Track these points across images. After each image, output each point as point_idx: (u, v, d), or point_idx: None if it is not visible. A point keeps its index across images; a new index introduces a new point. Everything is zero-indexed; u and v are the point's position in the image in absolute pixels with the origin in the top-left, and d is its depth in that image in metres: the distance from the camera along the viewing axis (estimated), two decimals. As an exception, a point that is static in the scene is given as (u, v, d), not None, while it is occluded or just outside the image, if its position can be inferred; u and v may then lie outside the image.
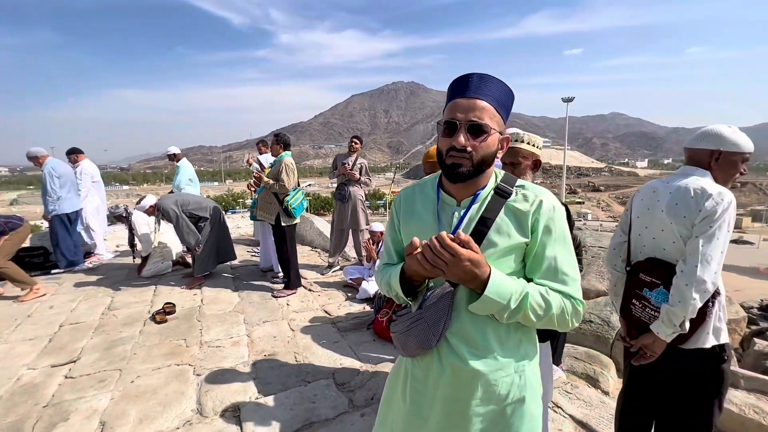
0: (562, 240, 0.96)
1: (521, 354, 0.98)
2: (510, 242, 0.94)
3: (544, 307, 0.90)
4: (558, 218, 0.96)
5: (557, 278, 0.94)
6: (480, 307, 0.90)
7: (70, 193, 4.92)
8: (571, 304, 0.93)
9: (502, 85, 0.96)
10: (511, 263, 0.96)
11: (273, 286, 4.38)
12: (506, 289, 0.88)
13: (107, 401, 2.33)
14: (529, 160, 1.71)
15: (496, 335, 0.95)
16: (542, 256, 0.94)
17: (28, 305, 3.85)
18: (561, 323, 0.93)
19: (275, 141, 4.18)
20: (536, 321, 0.91)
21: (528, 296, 0.90)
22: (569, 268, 0.95)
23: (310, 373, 2.65)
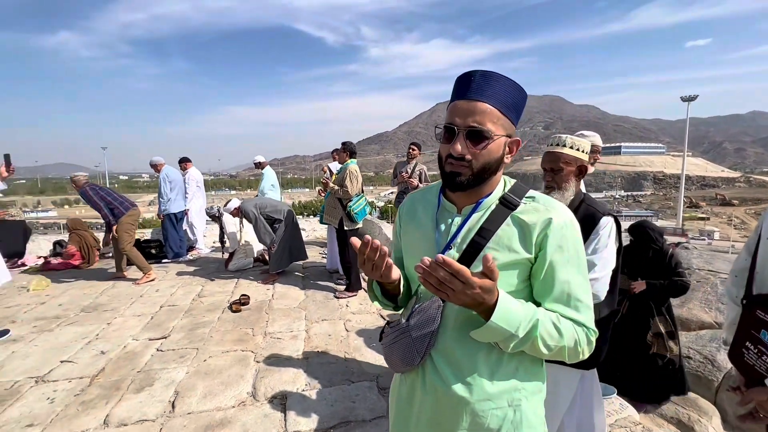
0: (576, 261, 0.85)
1: (517, 386, 0.87)
2: (511, 257, 0.85)
3: (556, 337, 0.81)
4: (572, 236, 0.86)
5: (570, 304, 0.84)
6: (484, 334, 0.81)
7: (178, 196, 5.84)
8: (584, 333, 0.83)
9: (510, 83, 0.85)
10: (513, 280, 0.86)
11: (336, 287, 4.61)
12: (514, 316, 0.78)
13: (183, 374, 2.70)
14: (573, 166, 1.56)
15: (487, 360, 0.86)
16: (553, 279, 0.85)
17: (141, 288, 4.65)
18: (572, 355, 0.83)
19: (342, 149, 4.43)
20: (546, 352, 0.82)
21: (538, 324, 0.80)
22: (583, 294, 0.85)
23: (356, 373, 2.73)
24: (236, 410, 2.32)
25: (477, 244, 0.87)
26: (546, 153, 1.64)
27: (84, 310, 3.92)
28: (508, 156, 0.89)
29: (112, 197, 4.68)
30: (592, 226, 1.49)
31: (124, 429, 2.15)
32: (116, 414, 2.27)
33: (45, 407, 2.34)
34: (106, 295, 4.41)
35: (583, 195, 1.61)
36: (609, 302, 1.58)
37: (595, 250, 1.47)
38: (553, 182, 1.58)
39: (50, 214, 38.47)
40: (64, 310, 3.92)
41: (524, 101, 0.89)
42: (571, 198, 1.57)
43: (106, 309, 3.96)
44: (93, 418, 2.24)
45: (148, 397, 2.43)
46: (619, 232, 1.55)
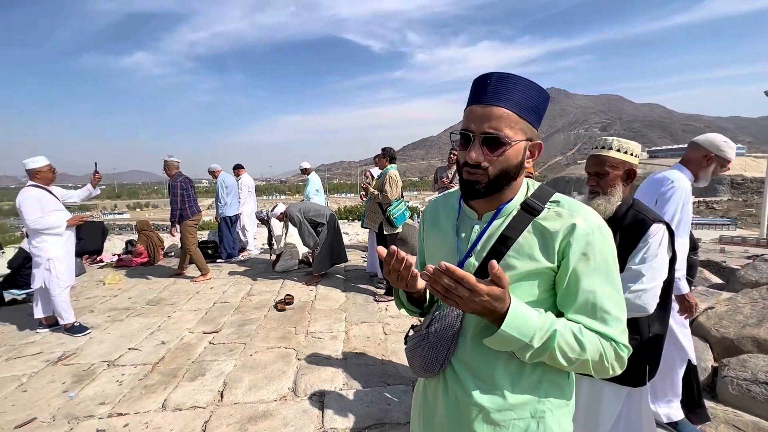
0: (604, 270, 0.80)
1: (541, 397, 0.84)
2: (531, 266, 0.82)
3: (577, 350, 0.77)
4: (599, 243, 0.80)
5: (595, 316, 0.80)
6: (496, 342, 0.79)
7: (233, 200, 6.25)
8: (612, 348, 0.79)
9: (529, 84, 0.81)
10: (534, 290, 0.83)
11: (376, 290, 4.66)
12: (528, 325, 0.76)
13: (231, 367, 2.88)
14: (620, 170, 1.47)
15: (507, 370, 0.84)
16: (576, 288, 0.80)
17: (198, 285, 5.03)
18: (599, 370, 0.79)
19: (382, 155, 4.50)
20: (566, 365, 0.78)
21: (556, 335, 0.76)
22: (612, 305, 0.80)
23: (392, 376, 2.75)
24: (278, 404, 2.44)
25: (497, 252, 0.84)
26: (590, 156, 1.57)
27: (149, 303, 4.33)
28: (529, 160, 0.86)
29: (190, 200, 5.14)
30: (641, 234, 1.41)
31: (179, 413, 2.35)
32: (173, 399, 2.48)
33: (114, 388, 2.62)
34: (167, 290, 4.83)
35: (632, 200, 1.52)
36: (660, 316, 1.47)
37: (644, 260, 1.38)
38: (598, 187, 1.51)
39: (124, 216, 42.87)
40: (132, 303, 4.34)
41: (545, 103, 0.85)
42: (617, 204, 1.48)
43: (167, 303, 4.34)
44: (153, 401, 2.46)
45: (200, 386, 2.63)
46: (672, 241, 1.44)
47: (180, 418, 2.30)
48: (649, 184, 2.06)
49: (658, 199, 1.96)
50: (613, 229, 1.46)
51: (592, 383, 1.48)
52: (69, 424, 2.26)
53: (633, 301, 1.34)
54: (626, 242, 1.42)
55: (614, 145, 1.49)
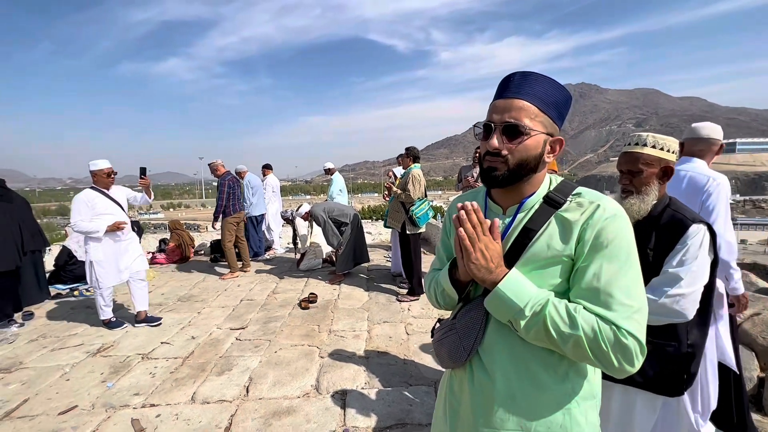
0: (615, 255, 0.78)
1: (568, 389, 0.84)
2: (551, 254, 0.83)
3: (567, 323, 0.76)
4: (614, 229, 0.79)
5: (597, 299, 0.77)
6: (493, 303, 0.83)
7: (259, 201, 6.41)
8: (611, 331, 0.74)
9: (550, 82, 0.86)
10: (554, 279, 0.83)
11: (399, 290, 4.65)
12: (524, 292, 0.80)
13: (257, 363, 2.95)
14: (656, 167, 1.39)
15: (534, 360, 0.84)
16: (584, 272, 0.80)
17: (226, 282, 5.19)
18: (598, 354, 0.74)
19: (405, 154, 4.48)
20: (558, 340, 0.77)
21: (548, 304, 0.78)
22: (618, 290, 0.76)
23: (414, 376, 2.73)
24: (301, 400, 2.47)
25: (521, 244, 0.87)
26: (622, 154, 1.50)
27: (180, 300, 4.50)
28: (549, 155, 0.88)
29: (234, 198, 5.41)
30: (679, 235, 1.32)
31: (207, 406, 2.43)
32: (201, 392, 2.57)
33: (148, 380, 2.74)
34: (197, 287, 5.01)
35: (669, 199, 1.44)
36: (699, 323, 1.38)
37: (682, 262, 1.30)
38: (631, 186, 1.43)
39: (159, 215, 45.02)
40: (165, 299, 4.53)
41: (567, 101, 0.89)
42: (652, 203, 1.41)
43: (197, 300, 4.50)
44: (183, 394, 2.56)
45: (227, 381, 2.70)
46: (713, 242, 1.35)
47: (208, 411, 2.37)
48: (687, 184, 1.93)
49: (703, 199, 1.84)
50: (648, 230, 1.39)
51: (624, 392, 1.41)
52: (107, 413, 2.38)
53: (671, 306, 1.27)
54: (663, 243, 1.34)
55: (649, 142, 1.41)
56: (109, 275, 3.56)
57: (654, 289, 1.30)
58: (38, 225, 4.52)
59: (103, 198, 3.53)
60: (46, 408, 2.44)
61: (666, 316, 1.29)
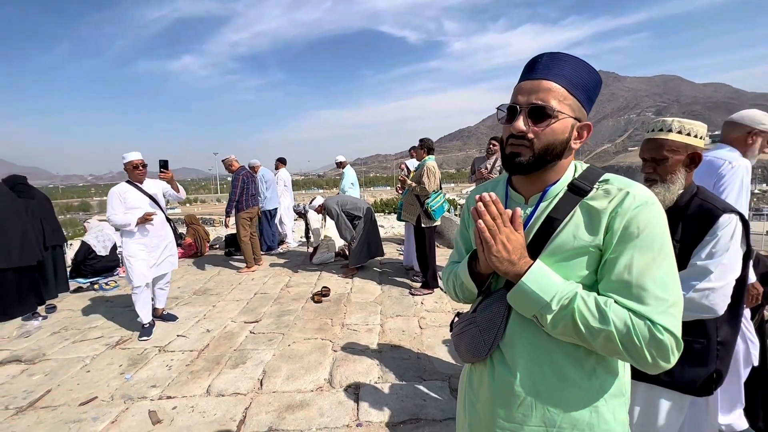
0: (648, 245, 0.73)
1: (595, 385, 0.80)
2: (577, 245, 0.78)
3: (597, 318, 0.71)
4: (646, 217, 0.73)
5: (629, 293, 0.72)
6: (516, 296, 0.79)
7: (273, 195, 6.43)
8: (645, 326, 0.69)
9: (580, 63, 0.80)
10: (581, 271, 0.78)
11: (412, 283, 4.62)
12: (550, 285, 0.75)
13: (270, 356, 2.97)
14: (682, 155, 1.31)
15: (559, 355, 0.80)
16: (614, 263, 0.74)
17: (241, 276, 5.24)
18: (631, 350, 0.70)
19: (420, 146, 4.41)
20: (587, 335, 0.72)
21: (576, 297, 0.73)
22: (652, 283, 0.71)
23: (428, 371, 2.70)
24: (314, 394, 2.47)
25: (543, 234, 0.82)
26: (645, 140, 1.41)
27: (196, 293, 4.57)
28: (576, 141, 0.83)
29: (248, 194, 5.43)
30: (709, 225, 1.24)
31: (222, 399, 2.45)
32: (216, 385, 2.59)
33: (164, 372, 2.78)
34: (212, 281, 5.08)
35: (696, 188, 1.35)
36: (730, 319, 1.30)
37: (712, 255, 1.22)
38: (655, 174, 1.35)
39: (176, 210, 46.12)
40: (181, 293, 4.60)
41: (597, 84, 0.83)
42: (679, 192, 1.32)
43: (212, 293, 4.56)
44: (198, 386, 2.59)
45: (241, 374, 2.72)
46: (746, 233, 1.26)
47: (222, 404, 2.39)
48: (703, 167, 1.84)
49: (715, 182, 1.77)
50: (674, 221, 1.31)
51: (648, 391, 1.34)
52: (125, 404, 2.42)
53: (699, 301, 1.19)
54: (690, 235, 1.26)
55: (675, 127, 1.32)
56: (141, 271, 3.37)
57: (681, 283, 1.23)
58: (58, 221, 4.64)
59: (135, 191, 3.39)
60: (68, 399, 2.50)
61: (694, 311, 1.21)
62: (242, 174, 5.37)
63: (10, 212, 3.90)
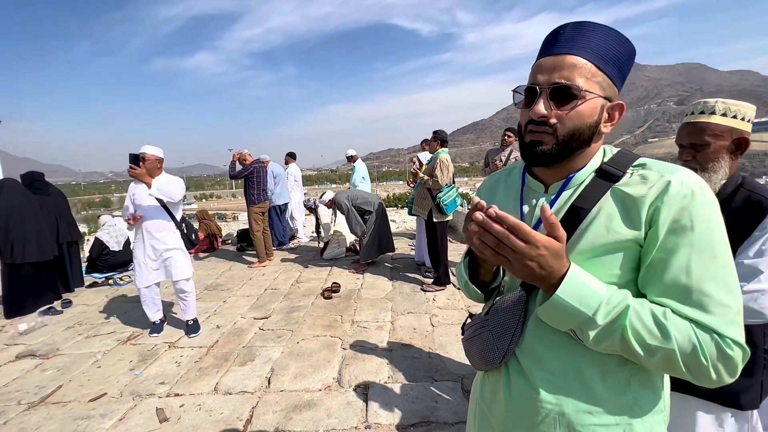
0: (707, 243, 0.62)
1: (628, 401, 0.68)
2: (610, 239, 0.66)
3: (658, 336, 0.60)
4: (700, 208, 0.62)
5: (690, 300, 0.61)
6: (550, 313, 0.66)
7: (283, 190, 6.40)
8: (712, 341, 0.59)
9: (610, 32, 0.68)
10: (615, 270, 0.67)
11: (424, 279, 4.52)
12: (592, 295, 0.63)
13: (279, 354, 2.92)
14: (726, 140, 1.17)
15: (586, 364, 0.69)
16: (665, 264, 0.63)
17: (252, 271, 5.23)
18: (695, 371, 0.60)
19: (433, 138, 4.28)
20: (645, 356, 0.62)
21: (628, 311, 0.61)
22: (715, 288, 0.60)
23: (439, 371, 2.61)
24: (322, 394, 2.41)
25: (566, 226, 0.69)
26: (684, 125, 1.27)
27: (207, 289, 4.57)
28: (606, 124, 0.71)
29: (261, 187, 5.45)
30: (758, 219, 1.11)
31: (229, 397, 2.41)
32: (224, 383, 2.55)
33: (173, 369, 2.76)
34: (224, 276, 5.08)
35: (742, 177, 1.21)
36: None
37: (762, 252, 1.08)
38: (695, 162, 1.21)
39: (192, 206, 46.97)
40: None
41: (630, 57, 0.71)
42: (722, 182, 1.18)
43: (223, 289, 4.55)
44: (206, 384, 2.55)
45: (249, 371, 2.68)
46: None
47: (230, 402, 2.35)
48: None
49: None
50: None
51: (683, 403, 1.21)
52: (133, 401, 2.41)
53: (747, 305, 1.06)
54: (736, 230, 1.12)
55: (718, 109, 1.18)
56: (141, 272, 3.20)
57: None
58: (73, 217, 4.69)
59: (141, 189, 3.15)
60: (78, 395, 2.50)
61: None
62: (254, 166, 5.38)
63: (26, 209, 3.95)
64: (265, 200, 5.54)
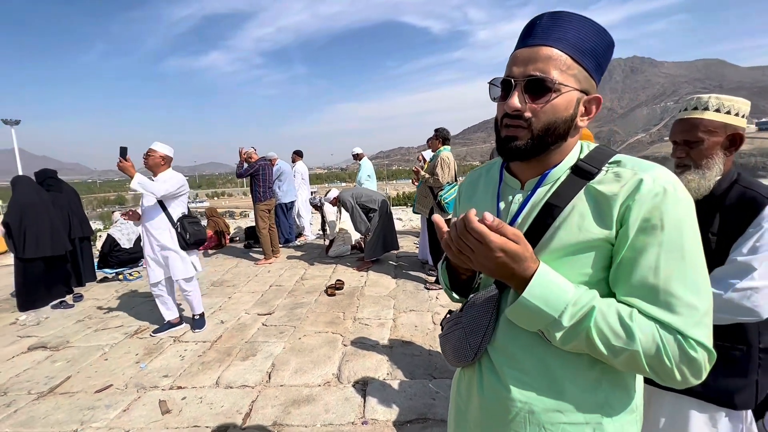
0: (677, 243, 0.61)
1: (599, 400, 0.68)
2: (582, 237, 0.66)
3: (623, 337, 0.60)
4: (670, 207, 0.61)
5: (656, 299, 0.61)
6: (517, 313, 0.66)
7: (289, 187, 6.45)
8: (675, 342, 0.59)
9: (588, 23, 0.67)
10: (586, 269, 0.67)
11: (427, 278, 4.51)
12: (558, 296, 0.62)
13: (280, 349, 2.95)
14: (720, 136, 1.14)
15: (557, 363, 0.69)
16: (634, 263, 0.62)
17: (258, 268, 5.29)
18: (657, 369, 0.60)
19: (435, 136, 4.27)
20: (610, 355, 0.62)
21: (593, 312, 0.61)
22: (682, 288, 0.60)
23: (438, 369, 2.61)
24: (321, 389, 2.43)
25: (540, 224, 0.71)
26: (677, 121, 1.25)
27: (213, 285, 4.64)
28: (583, 118, 0.70)
29: (267, 184, 5.48)
30: (752, 216, 1.08)
31: (230, 391, 2.45)
32: (225, 377, 2.60)
33: (177, 363, 2.82)
34: (230, 273, 5.15)
35: (737, 174, 1.18)
36: None
37: (756, 249, 1.06)
38: (688, 159, 1.19)
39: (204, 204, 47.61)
40: (199, 284, 4.68)
41: (608, 48, 0.70)
42: (716, 178, 1.16)
43: (228, 285, 4.62)
44: (208, 378, 2.60)
45: (251, 366, 2.72)
46: None
47: (230, 396, 2.39)
48: None
49: None
50: (710, 211, 1.15)
51: (676, 402, 1.20)
52: (137, 393, 2.47)
53: (740, 303, 1.04)
54: (730, 227, 1.10)
55: (711, 104, 1.15)
56: (149, 269, 3.22)
57: (719, 282, 1.08)
58: (85, 214, 4.81)
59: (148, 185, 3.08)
60: (85, 386, 2.57)
61: (733, 314, 1.06)
62: (259, 164, 5.42)
63: (39, 205, 4.06)
64: (271, 197, 5.59)
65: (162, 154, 3.14)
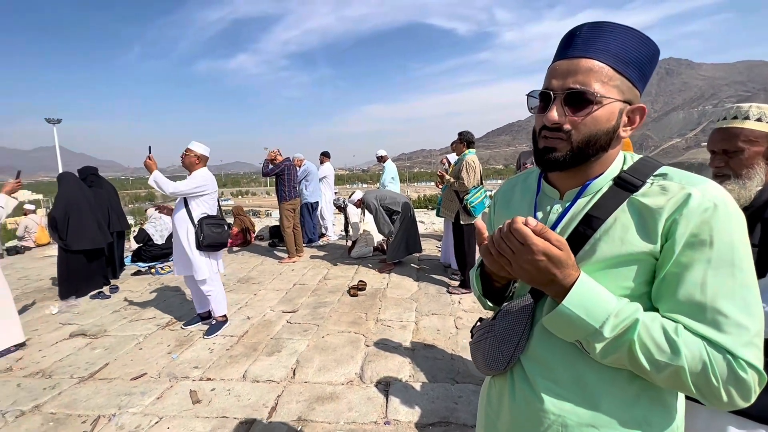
0: (727, 260, 0.59)
1: (637, 417, 0.66)
2: (624, 250, 0.65)
3: (667, 352, 0.58)
4: (721, 223, 0.59)
5: (704, 317, 0.59)
6: (556, 322, 0.66)
7: (314, 188, 6.57)
8: (724, 361, 0.57)
9: (630, 33, 0.66)
10: (628, 282, 0.65)
11: (449, 282, 4.49)
12: (600, 306, 0.61)
13: (304, 347, 3.02)
14: (761, 146, 1.11)
15: (593, 375, 0.68)
16: (679, 278, 0.61)
17: (282, 266, 5.42)
18: (704, 390, 0.58)
19: (459, 140, 4.26)
20: (653, 371, 0.60)
21: (637, 325, 0.60)
22: (732, 306, 0.58)
23: (461, 373, 2.60)
24: (344, 387, 2.47)
25: (580, 235, 0.69)
26: (716, 131, 1.21)
27: (239, 281, 4.79)
28: (626, 128, 0.69)
29: (291, 184, 5.61)
30: None
31: (256, 384, 2.53)
32: (252, 371, 2.68)
33: (206, 355, 2.93)
34: (255, 270, 5.29)
35: None
36: None
37: None
38: (727, 168, 1.16)
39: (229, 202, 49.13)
40: (227, 280, 4.84)
41: (653, 57, 0.68)
42: (757, 188, 1.13)
43: (254, 282, 4.75)
44: (236, 371, 2.69)
45: (276, 362, 2.80)
46: None
47: (257, 389, 2.47)
48: None
49: None
50: (751, 222, 1.12)
51: (714, 417, 1.16)
52: (170, 382, 2.58)
53: None
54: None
55: (753, 113, 1.12)
56: (178, 263, 3.37)
57: (762, 294, 1.04)
58: (122, 209, 5.08)
59: None
60: (122, 373, 2.71)
61: None
62: (284, 165, 5.54)
63: (82, 200, 4.32)
64: (296, 197, 5.70)
65: (197, 153, 3.26)
